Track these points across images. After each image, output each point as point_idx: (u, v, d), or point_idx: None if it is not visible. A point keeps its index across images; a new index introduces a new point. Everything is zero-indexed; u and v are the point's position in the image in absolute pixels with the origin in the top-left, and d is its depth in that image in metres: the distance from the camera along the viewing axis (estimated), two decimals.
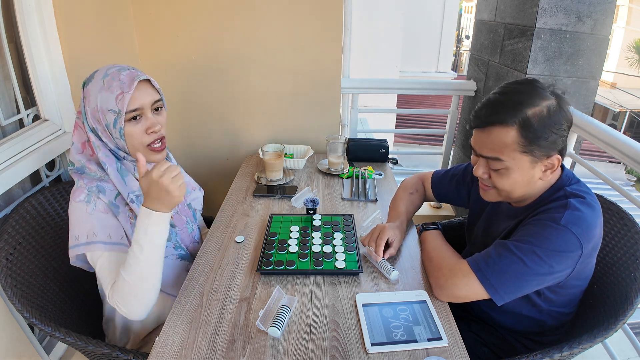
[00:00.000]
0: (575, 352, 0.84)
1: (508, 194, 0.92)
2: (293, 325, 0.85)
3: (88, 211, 0.91)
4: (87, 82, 0.94)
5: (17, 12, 1.17)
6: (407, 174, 2.58)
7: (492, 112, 0.86)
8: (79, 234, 0.90)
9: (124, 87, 0.90)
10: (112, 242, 0.91)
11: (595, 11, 1.61)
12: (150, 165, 0.99)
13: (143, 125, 0.95)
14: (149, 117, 0.95)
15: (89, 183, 0.93)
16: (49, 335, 0.89)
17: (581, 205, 0.85)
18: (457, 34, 16.57)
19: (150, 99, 0.95)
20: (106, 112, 0.91)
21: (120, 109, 0.90)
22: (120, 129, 0.92)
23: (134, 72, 0.94)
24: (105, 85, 0.91)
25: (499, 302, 0.86)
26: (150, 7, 1.65)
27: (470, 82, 2.19)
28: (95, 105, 0.91)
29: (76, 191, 0.93)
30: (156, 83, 0.98)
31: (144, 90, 0.94)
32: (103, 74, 0.92)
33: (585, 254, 0.84)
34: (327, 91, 1.80)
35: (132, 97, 0.91)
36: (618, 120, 12.46)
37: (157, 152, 0.98)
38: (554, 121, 0.83)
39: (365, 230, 1.17)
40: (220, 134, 1.90)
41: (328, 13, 1.66)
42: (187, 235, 1.14)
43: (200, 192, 1.25)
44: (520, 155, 0.85)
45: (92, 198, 0.92)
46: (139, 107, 0.93)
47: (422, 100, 10.49)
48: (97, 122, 0.93)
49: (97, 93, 0.91)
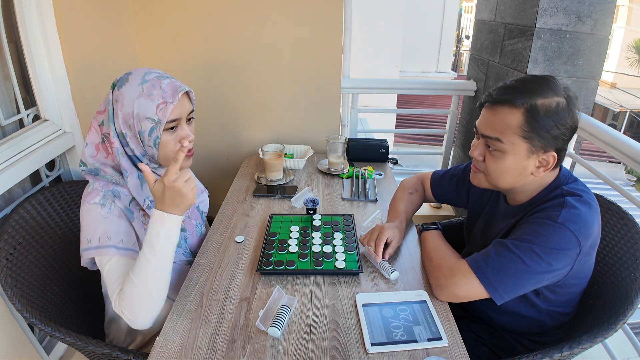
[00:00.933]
0: (575, 352, 0.84)
1: (495, 181, 0.93)
2: (293, 325, 0.85)
3: (103, 214, 0.90)
4: (119, 84, 0.91)
5: (17, 12, 1.17)
6: (407, 174, 2.58)
7: (504, 92, 0.88)
8: (91, 237, 0.89)
9: (167, 97, 0.89)
10: (124, 247, 0.90)
11: (595, 11, 1.61)
12: (160, 171, 1.00)
13: (178, 135, 0.94)
14: (184, 128, 0.95)
15: (104, 186, 0.92)
16: (49, 335, 0.89)
17: (578, 203, 0.86)
18: (457, 34, 16.57)
19: (188, 110, 0.95)
20: (143, 120, 0.89)
21: (160, 118, 0.89)
22: (156, 138, 0.90)
23: (175, 82, 0.93)
24: (145, 92, 0.88)
25: (499, 301, 0.86)
26: (150, 7, 1.65)
27: (470, 82, 2.19)
28: (130, 111, 0.88)
29: (91, 193, 0.91)
30: (194, 95, 0.98)
31: (184, 101, 0.94)
32: (140, 79, 0.90)
33: (583, 252, 0.84)
34: (327, 91, 1.80)
35: (175, 107, 0.90)
36: (618, 120, 12.46)
37: (187, 158, 0.98)
38: (560, 117, 0.84)
39: (365, 230, 1.17)
40: (220, 134, 1.90)
41: (328, 13, 1.66)
42: (197, 238, 1.14)
43: (206, 193, 1.25)
44: (519, 140, 0.86)
45: (107, 201, 0.91)
46: (177, 118, 0.92)
47: (422, 100, 10.49)
48: (128, 127, 0.91)
49: (135, 99, 0.88)
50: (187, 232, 1.10)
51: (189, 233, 1.10)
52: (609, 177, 1.41)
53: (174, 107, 0.90)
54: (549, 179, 0.93)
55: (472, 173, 0.99)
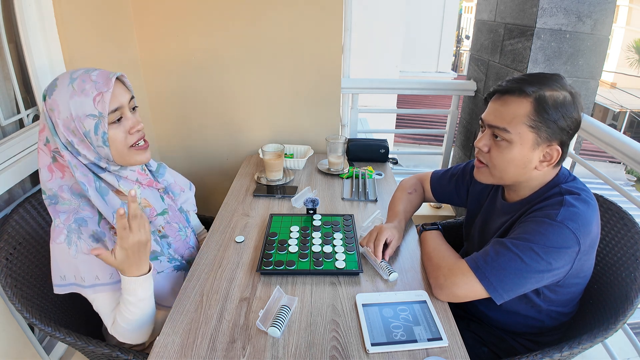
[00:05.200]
0: (575, 352, 0.84)
1: (500, 173, 0.93)
2: (293, 325, 0.85)
3: (71, 254, 0.85)
4: (48, 92, 0.85)
5: (17, 12, 1.17)
6: (407, 174, 2.58)
7: (514, 83, 0.90)
8: (65, 274, 0.87)
9: (100, 86, 0.83)
10: (101, 283, 0.87)
11: (595, 11, 1.61)
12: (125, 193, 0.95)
13: (125, 127, 0.89)
14: (129, 117, 0.90)
15: (66, 220, 0.86)
16: (49, 335, 0.89)
17: (576, 201, 0.86)
18: (457, 34, 16.57)
19: (128, 97, 0.90)
20: (84, 119, 0.83)
21: (101, 111, 0.83)
22: (103, 134, 0.85)
23: (104, 71, 0.87)
24: (77, 90, 0.83)
25: (499, 300, 0.86)
26: (150, 7, 1.65)
27: (470, 82, 2.19)
28: (68, 115, 0.83)
29: (55, 231, 0.86)
30: (128, 80, 0.91)
31: (121, 89, 0.89)
32: (68, 79, 0.84)
33: (583, 250, 0.84)
34: (327, 91, 1.80)
35: (112, 95, 0.84)
36: (618, 120, 12.46)
37: (143, 151, 0.93)
38: (566, 109, 0.86)
39: (365, 230, 1.17)
40: (220, 134, 1.90)
41: (328, 13, 1.66)
42: (182, 242, 1.09)
43: (191, 190, 1.20)
44: (526, 130, 0.87)
45: (72, 239, 0.85)
46: (119, 106, 0.87)
47: (422, 100, 10.50)
48: (72, 133, 0.85)
49: (69, 100, 0.82)
50: (169, 237, 1.05)
51: (172, 239, 1.06)
52: (609, 177, 1.41)
53: (111, 94, 0.84)
54: (548, 176, 0.93)
55: (476, 169, 0.99)
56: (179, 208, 1.12)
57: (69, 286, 0.88)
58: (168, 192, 1.10)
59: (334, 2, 1.64)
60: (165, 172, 1.13)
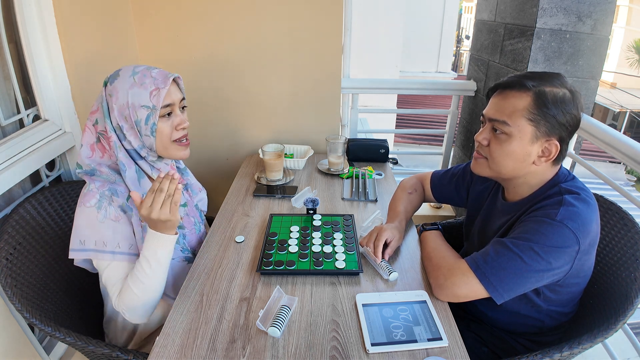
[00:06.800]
0: (575, 352, 0.84)
1: (498, 166, 0.93)
2: (293, 325, 0.85)
3: (99, 219, 0.90)
4: (110, 80, 0.94)
5: (17, 12, 1.17)
6: (407, 174, 2.58)
7: (515, 78, 0.91)
8: (85, 239, 0.90)
9: (158, 83, 0.92)
10: (121, 251, 0.92)
11: (595, 11, 1.61)
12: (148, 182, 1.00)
13: (173, 122, 0.98)
14: (178, 114, 0.99)
15: (101, 187, 0.92)
16: (49, 335, 0.89)
17: (576, 201, 0.86)
18: (457, 34, 16.57)
19: (180, 97, 0.99)
20: (138, 108, 0.91)
21: (155, 104, 0.92)
22: (153, 125, 0.93)
23: (163, 70, 0.96)
24: (137, 82, 0.92)
25: (499, 300, 0.86)
26: (150, 7, 1.65)
27: (470, 82, 2.19)
28: (125, 102, 0.91)
29: (87, 194, 0.91)
30: (182, 82, 1.01)
31: (175, 88, 0.98)
32: (131, 72, 0.93)
33: (582, 250, 0.84)
34: (327, 91, 1.80)
35: (167, 92, 0.93)
36: (618, 120, 12.46)
37: (184, 147, 1.01)
38: (566, 105, 0.87)
39: (365, 230, 1.17)
40: (220, 134, 1.90)
41: (328, 13, 1.66)
42: (195, 236, 1.14)
43: (204, 192, 1.26)
44: (525, 123, 0.88)
45: (103, 204, 0.91)
46: (171, 103, 0.95)
47: (422, 100, 10.50)
48: (124, 119, 0.93)
49: (128, 89, 0.91)
50: (185, 229, 1.10)
51: (188, 230, 1.11)
52: (609, 177, 1.41)
53: (167, 92, 0.93)
54: (548, 175, 0.93)
55: (474, 160, 0.99)
56: (195, 205, 1.18)
57: (86, 252, 0.91)
58: (188, 189, 1.18)
59: (334, 2, 1.64)
60: (187, 173, 1.22)
